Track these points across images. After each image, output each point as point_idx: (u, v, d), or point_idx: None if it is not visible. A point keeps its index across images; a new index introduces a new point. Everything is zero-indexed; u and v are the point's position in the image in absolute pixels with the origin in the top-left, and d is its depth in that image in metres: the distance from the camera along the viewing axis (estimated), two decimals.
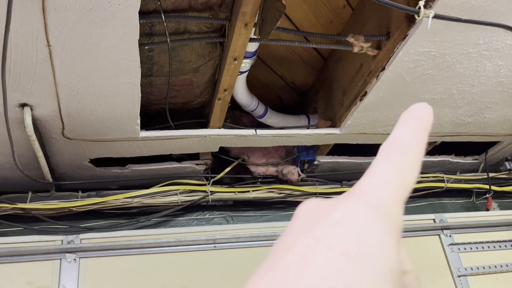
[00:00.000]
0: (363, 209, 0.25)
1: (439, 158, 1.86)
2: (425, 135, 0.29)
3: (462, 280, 1.59)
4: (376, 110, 1.39)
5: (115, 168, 1.55)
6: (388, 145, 0.29)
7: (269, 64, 1.58)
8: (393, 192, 0.26)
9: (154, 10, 1.06)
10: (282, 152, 1.70)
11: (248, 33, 1.09)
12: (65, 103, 1.14)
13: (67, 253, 1.35)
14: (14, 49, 0.94)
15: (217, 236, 1.48)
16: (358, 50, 1.18)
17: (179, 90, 1.39)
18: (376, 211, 0.24)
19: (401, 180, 0.27)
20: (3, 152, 1.30)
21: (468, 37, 1.13)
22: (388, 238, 0.24)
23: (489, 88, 1.35)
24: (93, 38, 0.95)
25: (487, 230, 1.74)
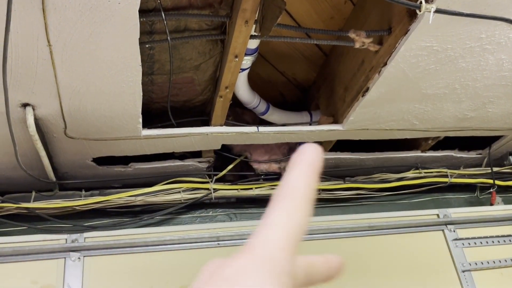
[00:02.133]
0: (249, 263, 0.27)
1: (442, 153, 1.85)
2: (314, 176, 0.32)
3: (467, 275, 1.59)
4: (378, 106, 1.38)
5: (118, 167, 1.55)
6: (280, 192, 0.31)
7: (271, 61, 1.58)
8: (281, 240, 0.29)
9: (154, 8, 1.06)
10: (284, 149, 1.70)
11: (248, 30, 1.09)
12: (66, 102, 1.14)
13: (71, 251, 1.36)
14: (15, 49, 0.94)
15: (221, 233, 1.48)
16: (360, 45, 1.18)
17: (180, 88, 1.39)
18: (261, 263, 0.27)
19: (290, 226, 0.29)
20: (6, 152, 1.30)
21: (470, 31, 1.12)
22: (271, 286, 0.26)
23: (492, 82, 1.34)
24: (93, 37, 0.95)
25: (491, 225, 1.73)
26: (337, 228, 1.58)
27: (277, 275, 0.27)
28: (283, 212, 0.30)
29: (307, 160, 0.32)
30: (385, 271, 1.55)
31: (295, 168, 0.32)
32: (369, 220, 1.63)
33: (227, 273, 0.27)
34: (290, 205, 0.30)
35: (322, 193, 1.72)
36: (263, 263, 0.27)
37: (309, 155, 0.32)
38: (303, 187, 0.31)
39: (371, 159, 1.78)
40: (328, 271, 0.35)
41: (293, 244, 0.29)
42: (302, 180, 0.31)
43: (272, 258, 0.28)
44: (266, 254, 0.28)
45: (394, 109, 1.42)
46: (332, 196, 1.75)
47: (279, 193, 0.31)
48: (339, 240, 1.58)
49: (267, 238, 0.29)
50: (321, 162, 0.32)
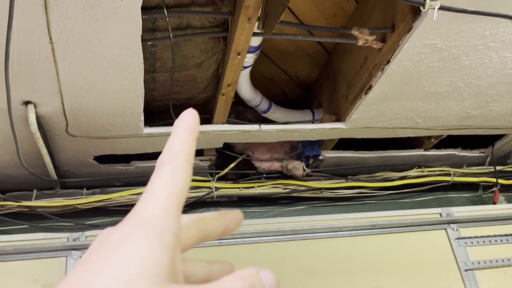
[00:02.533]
0: (132, 227, 0.29)
1: (445, 151, 1.84)
2: (192, 140, 0.33)
3: (469, 274, 1.58)
4: (381, 104, 1.38)
5: (119, 165, 1.55)
6: (160, 157, 0.33)
7: (273, 59, 1.57)
8: (162, 202, 0.30)
9: (156, 5, 1.05)
10: (286, 147, 1.70)
11: (251, 28, 1.08)
12: (68, 100, 1.14)
13: (72, 250, 1.35)
14: (17, 46, 0.94)
15: None
16: (363, 43, 1.17)
17: (182, 85, 1.39)
18: (144, 226, 0.29)
19: (170, 189, 0.31)
20: (7, 150, 1.30)
21: (474, 28, 1.11)
22: (153, 248, 0.27)
23: (496, 80, 1.34)
24: (95, 35, 0.94)
25: (494, 223, 1.72)
26: (339, 227, 1.58)
27: (160, 234, 0.28)
28: (163, 177, 0.31)
29: (184, 125, 0.34)
30: (388, 270, 1.55)
31: (174, 134, 0.33)
32: (372, 219, 1.62)
33: (112, 239, 0.28)
34: (169, 169, 0.31)
35: (325, 192, 1.72)
36: (145, 225, 0.29)
37: (186, 121, 0.34)
38: (181, 151, 0.32)
39: (374, 158, 1.77)
40: (224, 223, 0.37)
41: (175, 205, 0.30)
42: (180, 144, 0.33)
43: (154, 220, 0.29)
44: (148, 217, 0.29)
45: (397, 107, 1.42)
46: (335, 195, 1.74)
47: (160, 159, 0.32)
48: (341, 239, 1.58)
49: (149, 203, 0.30)
50: (198, 126, 0.34)
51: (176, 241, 0.29)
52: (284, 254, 1.50)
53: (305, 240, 1.54)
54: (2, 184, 1.49)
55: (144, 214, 0.30)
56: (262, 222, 1.55)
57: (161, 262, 0.27)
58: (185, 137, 0.33)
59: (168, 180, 0.31)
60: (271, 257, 1.49)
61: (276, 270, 1.43)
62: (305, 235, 1.54)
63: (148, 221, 0.29)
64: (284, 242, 1.52)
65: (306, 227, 1.54)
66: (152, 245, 0.28)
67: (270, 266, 1.30)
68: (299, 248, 1.53)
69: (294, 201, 1.75)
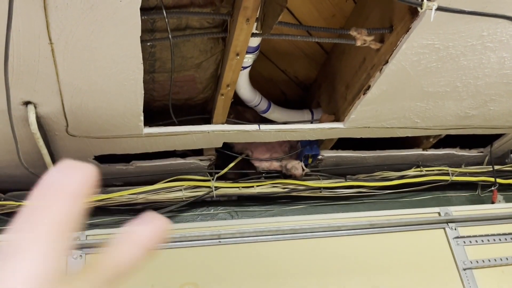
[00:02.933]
0: None
1: (443, 151, 1.85)
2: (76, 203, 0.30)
3: (468, 273, 1.59)
4: (380, 104, 1.38)
5: (119, 165, 1.55)
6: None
7: (272, 59, 1.58)
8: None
9: (155, 6, 1.06)
10: (286, 147, 1.70)
11: (250, 28, 1.09)
12: (68, 100, 1.15)
13: (73, 249, 1.36)
14: (17, 47, 0.94)
15: (222, 231, 1.48)
16: (361, 43, 1.18)
17: (181, 86, 1.39)
18: None
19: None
20: (8, 150, 1.30)
21: (472, 29, 1.12)
22: None
23: (494, 80, 1.34)
24: (95, 35, 0.95)
25: (493, 223, 1.73)
26: (338, 226, 1.58)
27: None
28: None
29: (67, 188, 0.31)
30: (387, 269, 1.56)
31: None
32: (370, 218, 1.63)
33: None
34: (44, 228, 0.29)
35: (324, 191, 1.73)
36: None
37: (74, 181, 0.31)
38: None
39: (372, 157, 1.78)
40: (142, 247, 0.33)
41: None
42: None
43: None
44: None
45: (395, 107, 1.42)
46: (333, 194, 1.75)
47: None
48: (340, 238, 1.58)
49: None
50: (86, 184, 0.31)
51: None
52: (283, 253, 1.51)
53: (304, 239, 1.55)
54: (3, 183, 1.50)
55: None
56: (261, 222, 1.56)
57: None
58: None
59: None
60: (271, 256, 1.50)
61: (275, 269, 1.45)
62: (304, 235, 1.55)
63: None
64: (283, 242, 1.53)
65: (305, 227, 1.55)
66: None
67: (269, 266, 1.32)
68: (298, 247, 1.53)
69: (293, 200, 1.75)
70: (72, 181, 0.31)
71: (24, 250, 0.29)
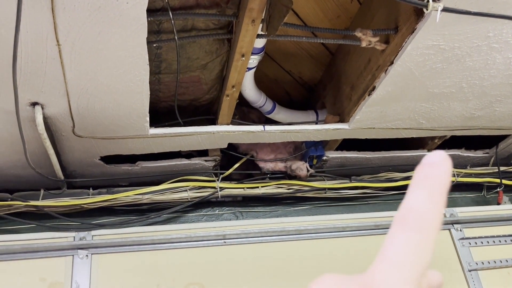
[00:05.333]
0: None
1: (449, 152, 1.84)
2: (444, 200, 0.27)
3: (473, 275, 1.58)
4: (385, 105, 1.38)
5: (125, 165, 1.56)
6: (402, 218, 0.26)
7: (277, 60, 1.58)
8: (406, 278, 0.25)
9: (161, 8, 1.06)
10: (290, 148, 1.70)
11: (255, 29, 1.09)
12: (75, 101, 1.16)
13: (79, 249, 1.37)
14: (25, 48, 0.95)
15: (227, 232, 1.49)
16: (366, 44, 1.18)
17: (187, 87, 1.40)
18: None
19: (416, 264, 0.26)
20: (15, 150, 1.31)
21: (477, 30, 1.12)
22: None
23: (500, 81, 1.34)
24: (102, 37, 0.96)
25: (498, 224, 1.72)
26: (343, 227, 1.58)
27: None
28: (408, 247, 0.26)
29: (435, 178, 0.27)
30: None
31: (420, 188, 0.27)
32: (375, 219, 1.63)
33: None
34: (415, 237, 0.26)
35: (328, 192, 1.73)
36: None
37: (437, 171, 0.27)
38: (431, 216, 0.26)
39: (377, 158, 1.77)
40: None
41: (417, 281, 0.25)
42: (430, 205, 0.26)
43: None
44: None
45: (400, 108, 1.42)
46: (338, 195, 1.75)
47: (401, 220, 0.26)
48: (345, 239, 1.58)
49: (391, 276, 0.25)
50: (450, 179, 0.27)
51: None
52: (288, 254, 1.51)
53: (309, 240, 1.55)
54: (10, 183, 1.51)
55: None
56: (266, 222, 1.56)
57: None
58: (435, 197, 0.26)
59: (413, 252, 0.26)
60: (275, 257, 1.50)
61: (280, 269, 1.45)
62: (309, 235, 1.55)
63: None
64: (288, 242, 1.53)
65: (310, 227, 1.55)
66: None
67: (274, 266, 1.32)
68: (303, 248, 1.53)
69: (298, 201, 1.75)
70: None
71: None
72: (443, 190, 0.27)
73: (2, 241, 1.34)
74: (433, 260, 1.14)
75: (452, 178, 1.80)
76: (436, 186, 0.27)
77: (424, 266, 0.26)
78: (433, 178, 0.27)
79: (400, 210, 0.27)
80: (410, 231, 0.26)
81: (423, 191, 0.27)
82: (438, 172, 0.27)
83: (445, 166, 0.27)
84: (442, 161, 0.27)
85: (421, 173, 0.27)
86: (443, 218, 0.24)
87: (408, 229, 0.26)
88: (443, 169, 0.27)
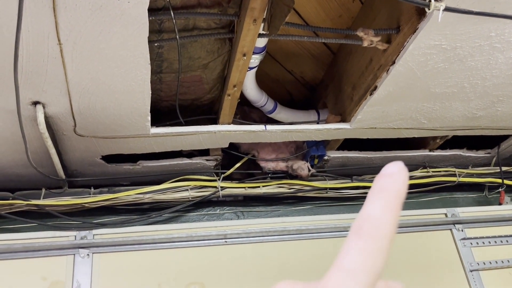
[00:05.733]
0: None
1: (450, 152, 1.84)
2: (399, 208, 0.28)
3: (474, 275, 1.58)
4: (386, 105, 1.38)
5: (126, 165, 1.56)
6: (358, 227, 0.27)
7: (278, 60, 1.58)
8: (359, 286, 0.26)
9: (163, 7, 1.06)
10: (292, 148, 1.70)
11: (257, 29, 1.09)
12: (76, 100, 1.16)
13: (80, 248, 1.37)
14: (26, 47, 0.95)
15: (228, 231, 1.49)
16: (368, 44, 1.17)
17: (188, 86, 1.40)
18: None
19: (369, 270, 0.26)
20: (17, 149, 1.32)
21: (479, 29, 1.11)
22: None
23: (502, 81, 1.34)
24: (103, 36, 0.96)
25: (500, 224, 1.72)
26: (344, 227, 1.58)
27: None
28: (362, 256, 0.26)
29: (391, 187, 0.28)
30: (393, 270, 1.55)
31: (377, 198, 0.28)
32: None
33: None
34: (370, 247, 0.26)
35: (330, 192, 1.72)
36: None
37: (393, 181, 0.28)
38: (386, 223, 0.27)
39: (379, 158, 1.77)
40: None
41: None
42: (386, 214, 0.27)
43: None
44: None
45: (402, 108, 1.42)
46: (340, 195, 1.75)
47: (358, 228, 0.27)
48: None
49: (342, 286, 0.26)
50: (406, 188, 0.28)
51: None
52: (289, 253, 1.51)
53: (310, 239, 1.55)
54: (11, 183, 1.51)
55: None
56: (267, 222, 1.56)
57: None
58: (391, 206, 0.27)
59: (367, 260, 0.26)
60: (276, 256, 1.50)
61: (281, 269, 1.45)
62: (310, 235, 1.55)
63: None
64: (289, 242, 1.53)
65: (311, 227, 1.55)
66: None
67: (275, 266, 1.32)
68: (304, 247, 1.53)
69: (299, 201, 1.75)
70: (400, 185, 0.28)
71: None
72: (398, 200, 0.28)
73: (3, 240, 1.35)
74: (434, 259, 1.14)
75: (453, 178, 1.82)
76: (391, 196, 0.28)
77: (378, 274, 0.27)
78: (389, 188, 0.28)
79: (357, 219, 0.28)
80: (365, 239, 0.27)
81: (379, 201, 0.28)
82: (394, 182, 0.28)
83: (401, 176, 0.29)
84: (399, 172, 0.29)
85: (378, 183, 0.29)
86: (397, 226, 0.27)
87: (363, 238, 0.27)
88: (399, 180, 0.28)
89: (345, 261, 0.27)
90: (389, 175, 0.29)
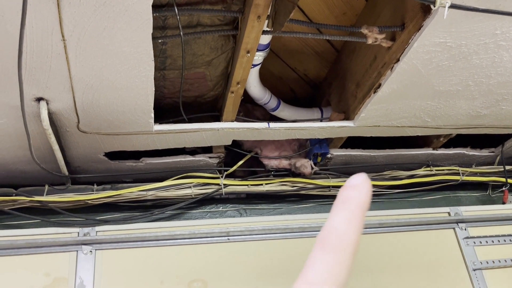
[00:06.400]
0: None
1: (454, 151, 1.83)
2: (362, 219, 0.28)
3: (478, 274, 1.57)
4: (390, 102, 1.38)
5: (129, 162, 1.56)
6: (322, 239, 0.28)
7: (282, 57, 1.57)
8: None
9: (167, 4, 1.06)
10: (295, 145, 1.70)
11: (261, 26, 1.09)
12: (80, 97, 1.16)
13: (83, 245, 1.37)
14: (30, 43, 0.95)
15: (231, 228, 1.49)
16: (372, 41, 1.17)
17: (192, 83, 1.40)
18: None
19: (333, 282, 0.27)
20: (20, 145, 1.32)
21: (485, 27, 1.11)
22: None
23: (506, 79, 1.33)
24: (107, 32, 0.95)
25: (503, 223, 1.71)
26: None
27: None
28: (326, 268, 0.27)
29: (354, 199, 0.29)
30: (395, 269, 1.55)
31: (341, 210, 0.29)
32: (380, 217, 1.62)
33: None
34: (333, 259, 0.27)
35: (333, 190, 1.72)
36: None
37: (357, 194, 0.29)
38: (349, 235, 0.28)
39: (382, 156, 1.77)
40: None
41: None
42: (349, 225, 0.28)
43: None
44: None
45: (406, 106, 1.41)
46: None
47: (322, 240, 0.28)
48: None
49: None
50: (369, 200, 0.29)
51: None
52: (291, 251, 1.51)
53: (313, 237, 1.54)
54: (15, 179, 1.51)
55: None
56: (270, 219, 1.56)
57: None
58: (354, 217, 0.28)
59: (331, 272, 0.27)
60: (279, 254, 1.50)
61: (283, 267, 1.44)
62: (313, 233, 1.55)
63: None
64: (291, 240, 1.53)
65: (314, 225, 1.55)
66: None
67: (277, 263, 1.32)
68: (307, 245, 1.53)
69: (302, 198, 1.75)
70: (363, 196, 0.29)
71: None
72: (362, 211, 0.29)
73: (6, 236, 1.35)
74: (437, 258, 1.13)
75: (457, 177, 1.81)
76: (355, 208, 0.29)
77: (342, 285, 0.27)
78: (352, 200, 0.29)
79: (321, 231, 0.29)
80: (329, 251, 0.27)
81: (343, 212, 0.29)
82: (358, 194, 0.29)
83: (364, 188, 0.29)
84: (362, 184, 0.29)
85: (342, 195, 0.29)
86: (360, 238, 0.28)
87: (327, 250, 0.27)
88: (362, 191, 0.29)
89: (309, 274, 0.27)
90: (352, 186, 0.29)
